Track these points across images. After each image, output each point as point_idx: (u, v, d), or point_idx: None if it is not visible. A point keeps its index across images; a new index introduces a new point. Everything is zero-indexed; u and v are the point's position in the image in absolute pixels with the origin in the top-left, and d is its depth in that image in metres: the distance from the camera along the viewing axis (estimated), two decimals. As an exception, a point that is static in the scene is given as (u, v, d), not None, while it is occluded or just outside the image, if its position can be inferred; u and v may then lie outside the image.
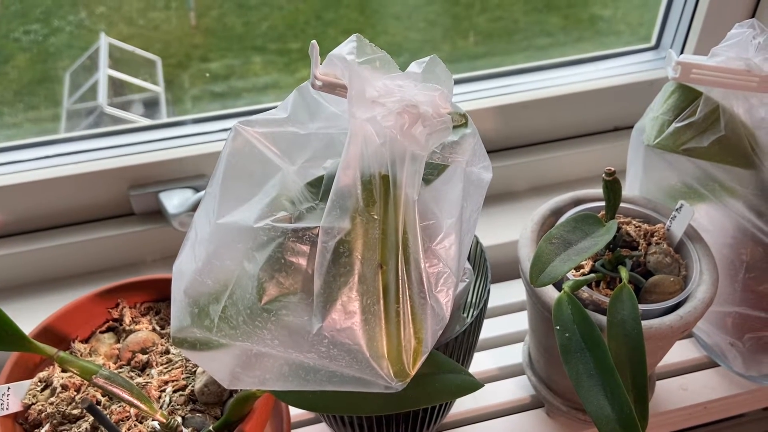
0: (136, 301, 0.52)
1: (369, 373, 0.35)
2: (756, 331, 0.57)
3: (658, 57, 0.79)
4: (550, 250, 0.47)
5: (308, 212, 0.37)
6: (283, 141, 0.37)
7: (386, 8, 1.72)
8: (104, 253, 0.67)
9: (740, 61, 0.49)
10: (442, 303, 0.36)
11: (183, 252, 0.38)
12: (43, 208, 0.66)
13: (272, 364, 0.37)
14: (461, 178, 0.37)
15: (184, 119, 0.70)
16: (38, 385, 0.46)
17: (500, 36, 1.56)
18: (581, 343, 0.45)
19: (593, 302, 0.50)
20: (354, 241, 0.34)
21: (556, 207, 0.57)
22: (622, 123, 0.79)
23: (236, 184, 0.37)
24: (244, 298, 0.36)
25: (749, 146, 0.51)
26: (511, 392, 0.61)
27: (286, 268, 0.35)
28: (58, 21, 1.15)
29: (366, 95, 0.33)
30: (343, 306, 0.34)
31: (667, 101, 0.53)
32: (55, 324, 0.49)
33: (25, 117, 1.07)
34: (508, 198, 0.77)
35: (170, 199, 0.65)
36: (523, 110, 0.74)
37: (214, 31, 1.50)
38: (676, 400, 0.61)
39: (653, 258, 0.52)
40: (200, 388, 0.45)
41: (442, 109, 0.34)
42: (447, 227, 0.37)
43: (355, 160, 0.34)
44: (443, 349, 0.47)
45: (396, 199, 0.35)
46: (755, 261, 0.54)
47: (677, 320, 0.48)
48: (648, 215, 0.56)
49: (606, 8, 1.47)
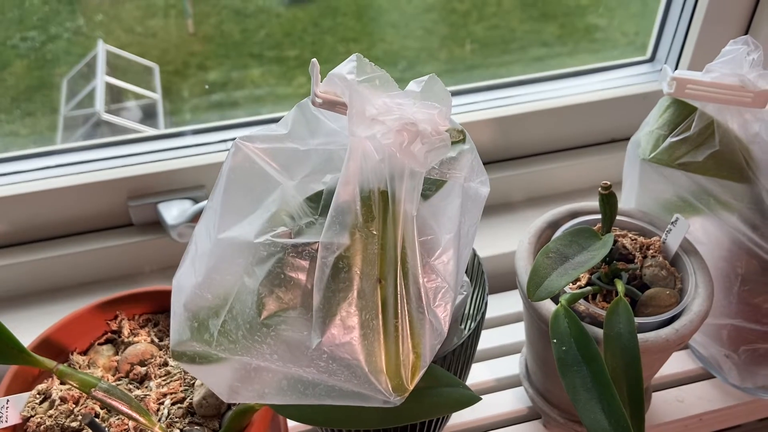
0: (134, 312, 0.52)
1: (367, 388, 0.35)
2: (751, 343, 0.58)
3: (653, 70, 0.79)
4: (547, 264, 0.47)
5: (308, 227, 0.37)
6: (283, 156, 0.38)
7: (383, 16, 1.73)
8: (103, 264, 0.67)
9: (734, 77, 0.49)
10: (440, 318, 0.37)
11: (183, 266, 0.38)
12: (42, 218, 0.66)
13: (271, 378, 0.37)
14: (459, 193, 0.38)
15: (182, 130, 0.70)
16: (37, 397, 0.46)
17: (496, 44, 1.57)
18: (578, 356, 0.45)
19: (590, 315, 0.50)
20: (353, 257, 0.35)
21: (553, 219, 0.57)
22: (618, 135, 0.79)
23: (237, 199, 0.37)
24: (243, 312, 0.36)
25: (743, 161, 0.51)
26: (509, 404, 0.61)
27: (286, 283, 0.35)
28: (56, 28, 1.15)
29: (366, 113, 0.33)
30: (342, 321, 0.35)
31: (663, 116, 0.54)
32: (54, 336, 0.49)
33: (22, 123, 1.07)
34: (505, 209, 0.77)
35: (169, 210, 0.65)
36: (519, 122, 0.74)
37: (212, 39, 1.50)
38: (672, 412, 0.61)
39: (649, 271, 0.52)
40: (199, 400, 0.45)
41: (441, 126, 0.34)
42: (445, 242, 0.37)
43: (354, 176, 0.34)
44: (441, 361, 0.47)
45: (395, 215, 0.35)
46: (750, 274, 0.54)
47: (673, 333, 0.48)
48: (644, 228, 0.57)
49: (602, 17, 1.48)
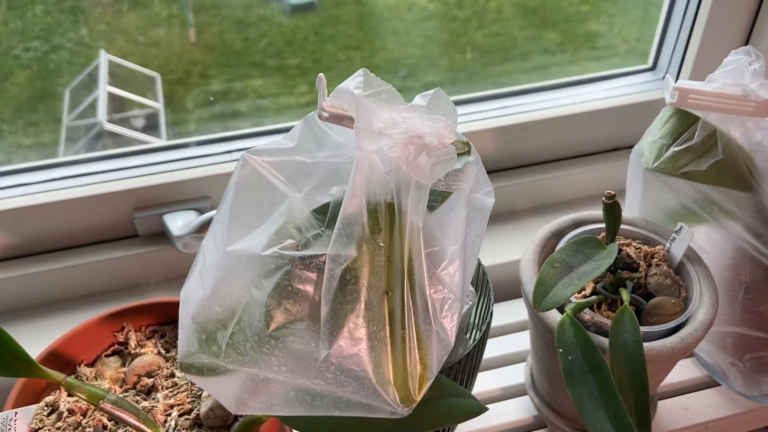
0: (141, 324, 0.53)
1: (375, 399, 0.35)
2: (756, 351, 0.58)
3: (655, 78, 0.80)
4: (553, 274, 0.48)
5: (315, 239, 0.37)
6: (290, 169, 0.38)
7: (384, 24, 1.73)
8: (109, 275, 0.68)
9: (737, 86, 0.50)
10: (447, 328, 0.37)
11: (191, 278, 0.39)
12: (48, 230, 0.66)
13: (279, 389, 0.37)
14: (465, 204, 0.38)
15: (187, 141, 0.70)
16: (45, 409, 0.46)
17: (497, 52, 1.58)
18: (584, 365, 0.45)
19: (595, 324, 0.50)
20: (360, 269, 0.35)
21: (558, 229, 0.57)
22: (621, 143, 0.80)
23: (244, 211, 0.37)
24: (251, 324, 0.36)
25: (746, 169, 0.52)
26: (514, 413, 0.61)
27: (294, 296, 0.35)
28: (58, 38, 1.15)
29: (373, 127, 0.33)
30: (349, 333, 0.35)
31: (665, 125, 0.54)
32: (61, 348, 0.49)
33: (25, 133, 1.07)
34: (510, 218, 0.78)
35: (174, 221, 0.66)
36: (523, 131, 0.75)
37: (214, 48, 1.51)
38: (678, 420, 0.61)
39: (654, 280, 0.53)
40: (206, 412, 0.45)
41: (447, 139, 0.35)
42: (451, 253, 0.37)
43: (361, 188, 0.35)
44: (447, 372, 0.47)
45: (401, 227, 0.35)
46: (754, 282, 0.55)
47: (678, 342, 0.49)
48: (648, 237, 0.57)
49: (602, 24, 1.49)
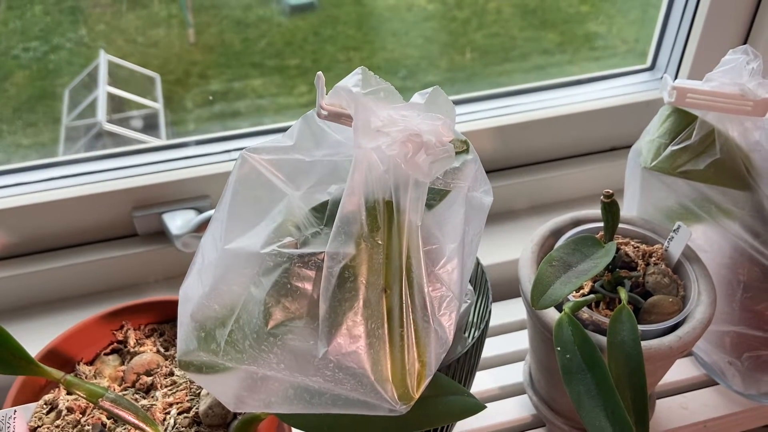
0: (140, 322, 0.53)
1: (374, 397, 0.35)
2: (754, 349, 0.58)
3: (653, 78, 0.80)
4: (551, 272, 0.48)
5: (313, 237, 0.37)
6: (288, 167, 0.38)
7: (384, 25, 1.73)
8: (108, 274, 0.68)
9: (734, 86, 0.50)
10: (445, 326, 0.37)
11: (189, 276, 0.39)
12: (47, 229, 0.66)
13: (277, 387, 0.37)
14: (463, 203, 0.38)
15: (186, 141, 0.70)
16: (44, 407, 0.46)
17: (497, 52, 1.58)
18: (582, 364, 0.45)
19: (593, 323, 0.50)
20: (359, 266, 0.35)
21: (556, 227, 0.57)
22: (619, 143, 0.80)
23: (243, 209, 0.37)
24: (250, 322, 0.36)
25: (744, 168, 0.52)
26: (513, 411, 0.62)
27: (292, 293, 0.36)
28: (58, 38, 1.15)
29: (371, 125, 0.33)
30: (348, 330, 0.35)
31: (663, 125, 0.54)
32: (61, 346, 0.49)
33: (24, 134, 1.07)
34: (508, 217, 0.78)
35: (173, 220, 0.66)
36: (522, 131, 0.75)
37: (213, 48, 1.51)
38: (677, 419, 0.61)
39: (652, 278, 0.53)
40: (205, 410, 0.45)
41: (445, 137, 0.35)
42: (450, 251, 0.38)
43: (359, 186, 0.35)
44: (445, 370, 0.47)
45: (399, 225, 0.35)
46: (752, 281, 0.55)
47: (676, 341, 0.49)
48: (646, 236, 0.57)
49: (601, 25, 1.49)
